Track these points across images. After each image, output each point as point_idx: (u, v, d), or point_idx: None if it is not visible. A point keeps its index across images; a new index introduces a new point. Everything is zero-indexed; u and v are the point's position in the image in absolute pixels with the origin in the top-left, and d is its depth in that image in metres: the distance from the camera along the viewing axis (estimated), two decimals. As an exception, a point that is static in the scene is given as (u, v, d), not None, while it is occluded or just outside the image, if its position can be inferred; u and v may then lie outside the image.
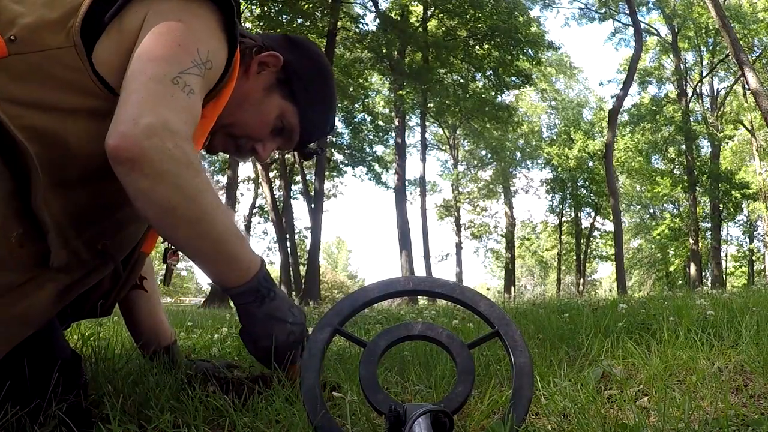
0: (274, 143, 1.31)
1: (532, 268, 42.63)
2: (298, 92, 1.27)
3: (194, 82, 1.00)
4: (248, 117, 1.25)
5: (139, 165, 0.90)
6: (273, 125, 1.28)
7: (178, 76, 0.97)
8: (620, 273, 19.67)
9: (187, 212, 0.95)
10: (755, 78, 13.84)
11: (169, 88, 0.96)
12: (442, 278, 1.12)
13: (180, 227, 0.97)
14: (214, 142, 1.29)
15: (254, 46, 1.23)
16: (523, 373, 0.97)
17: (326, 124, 1.36)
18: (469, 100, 21.05)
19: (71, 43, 0.96)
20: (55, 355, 1.08)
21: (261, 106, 1.25)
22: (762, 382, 1.27)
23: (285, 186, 22.78)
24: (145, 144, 0.89)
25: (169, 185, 0.92)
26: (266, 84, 1.25)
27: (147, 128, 0.90)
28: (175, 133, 0.93)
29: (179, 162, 0.92)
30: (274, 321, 1.13)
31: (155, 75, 0.96)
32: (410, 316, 4.43)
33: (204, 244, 1.01)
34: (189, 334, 2.83)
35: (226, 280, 1.07)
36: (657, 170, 29.38)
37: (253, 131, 1.27)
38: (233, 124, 1.25)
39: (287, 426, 1.03)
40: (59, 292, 1.00)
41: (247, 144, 1.29)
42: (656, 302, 3.16)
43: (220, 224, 0.99)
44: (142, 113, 0.91)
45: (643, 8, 25.88)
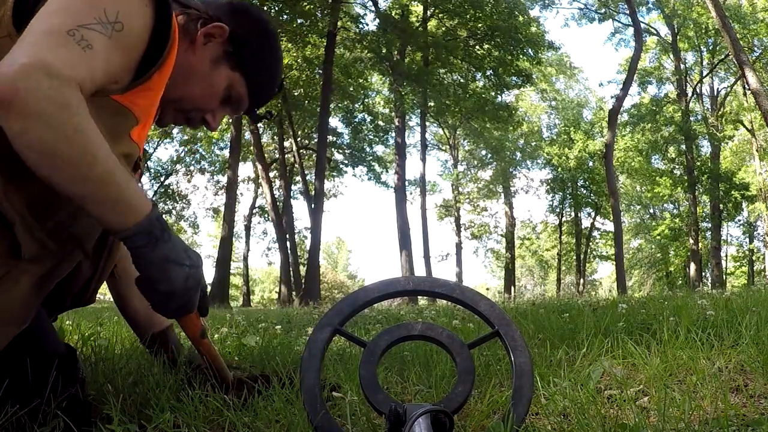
0: (223, 112, 1.32)
1: (532, 268, 42.63)
2: (245, 61, 1.27)
3: (94, 37, 0.96)
4: (196, 90, 1.25)
5: (11, 106, 0.88)
6: (222, 96, 1.28)
7: (75, 29, 0.95)
8: (620, 273, 19.67)
9: (64, 153, 0.92)
10: (755, 78, 13.85)
11: (61, 38, 0.93)
12: (442, 278, 1.12)
13: (58, 169, 0.93)
14: (163, 116, 1.29)
15: (198, 18, 1.22)
16: (523, 373, 0.97)
17: (273, 87, 1.38)
18: (469, 100, 21.05)
19: (6, 33, 0.97)
20: (49, 351, 1.08)
21: (209, 79, 1.25)
22: (762, 382, 1.27)
23: (285, 186, 22.78)
24: (18, 84, 0.87)
25: (43, 126, 0.89)
26: (213, 56, 1.24)
27: (22, 68, 0.88)
28: (54, 75, 0.90)
29: (54, 102, 0.89)
30: (170, 264, 1.06)
31: (49, 27, 0.94)
32: (410, 316, 4.43)
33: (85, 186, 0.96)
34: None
35: (114, 223, 1.01)
36: (657, 170, 29.38)
37: (202, 104, 1.28)
38: (181, 99, 1.25)
39: (287, 426, 1.03)
40: (35, 283, 1.00)
41: (197, 116, 1.30)
42: (656, 302, 3.16)
43: (101, 165, 0.95)
44: (21, 56, 0.89)
45: (643, 8, 25.90)
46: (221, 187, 26.78)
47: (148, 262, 1.05)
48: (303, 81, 20.91)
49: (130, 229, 1.01)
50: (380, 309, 5.22)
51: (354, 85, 21.01)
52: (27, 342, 1.04)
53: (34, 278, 1.00)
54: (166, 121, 1.31)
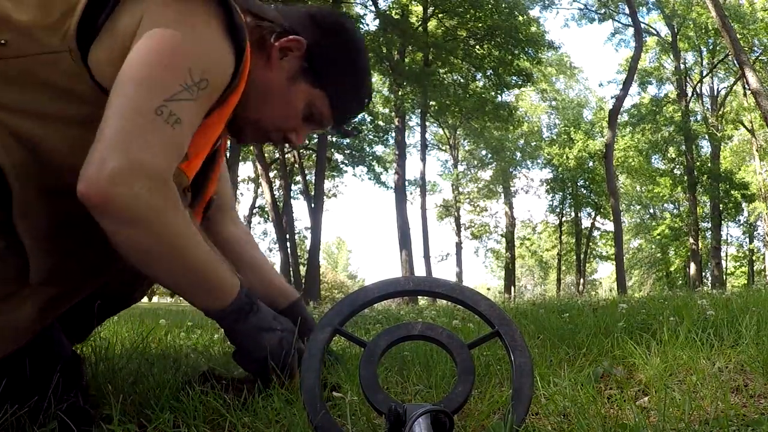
0: (306, 130, 1.25)
1: (532, 268, 42.60)
2: (324, 77, 1.18)
3: (182, 109, 0.93)
4: (275, 110, 1.19)
5: (106, 212, 0.88)
6: (302, 114, 1.21)
7: (163, 105, 0.92)
8: (620, 273, 19.66)
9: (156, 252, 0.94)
10: (755, 78, 13.84)
11: (149, 121, 0.90)
12: (443, 278, 1.11)
13: (151, 265, 0.97)
14: (242, 135, 1.24)
15: (274, 31, 1.14)
16: (523, 373, 0.97)
17: (359, 102, 1.28)
18: (469, 100, 21.04)
19: (66, 47, 0.93)
20: (55, 354, 1.08)
21: (287, 97, 1.18)
22: (762, 382, 1.27)
23: (285, 186, 22.77)
24: (110, 191, 0.86)
25: (136, 229, 0.90)
26: (290, 72, 1.16)
27: (113, 173, 0.86)
28: (147, 175, 0.89)
29: (147, 205, 0.89)
30: (262, 331, 1.12)
31: (136, 105, 0.91)
32: (410, 316, 4.43)
33: (178, 279, 1.00)
34: (189, 334, 2.83)
35: (207, 307, 1.07)
36: (657, 170, 29.37)
37: (282, 123, 1.21)
38: (260, 119, 1.20)
39: (287, 426, 1.03)
40: (44, 304, 0.98)
41: (278, 135, 1.24)
42: (656, 302, 3.16)
43: (195, 259, 0.98)
44: (111, 154, 0.87)
45: (643, 8, 25.89)
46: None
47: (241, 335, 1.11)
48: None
49: (223, 311, 1.06)
50: (380, 309, 5.22)
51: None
52: (33, 343, 1.03)
53: (45, 299, 0.98)
54: (247, 140, 1.26)
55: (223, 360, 1.85)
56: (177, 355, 1.84)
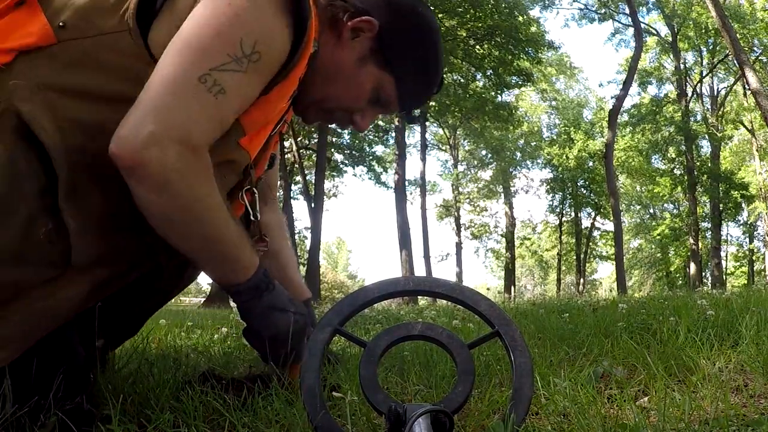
0: (372, 112, 1.23)
1: (532, 268, 42.61)
2: (394, 60, 1.16)
3: (228, 79, 0.92)
4: (341, 91, 1.17)
5: (136, 174, 0.88)
6: (369, 97, 1.19)
7: (208, 73, 0.91)
8: (620, 273, 19.67)
9: (181, 219, 0.94)
10: (755, 78, 13.84)
11: (191, 87, 0.90)
12: (443, 278, 1.12)
13: (177, 234, 0.97)
14: (307, 114, 1.23)
15: (347, 11, 1.12)
16: (523, 373, 0.97)
17: (428, 89, 1.25)
18: (469, 100, 21.04)
19: (126, 27, 0.93)
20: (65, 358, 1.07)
21: (355, 78, 1.15)
22: (762, 382, 1.27)
23: (285, 186, 22.77)
24: (143, 154, 0.87)
25: (167, 196, 0.91)
26: (360, 53, 1.14)
27: (148, 137, 0.87)
28: (181, 141, 0.89)
29: (179, 173, 0.90)
30: (275, 311, 1.11)
31: (180, 71, 0.90)
32: (410, 316, 4.43)
33: (205, 249, 1.01)
34: (189, 334, 2.83)
35: (226, 280, 1.06)
36: (657, 170, 29.39)
37: (347, 104, 1.19)
38: (325, 99, 1.18)
39: (287, 426, 1.03)
40: (93, 287, 0.97)
41: (344, 116, 1.22)
42: (656, 302, 3.16)
43: (218, 230, 0.98)
44: (147, 118, 0.87)
45: (643, 8, 25.90)
46: (221, 187, 26.75)
47: (254, 313, 1.10)
48: (303, 81, 20.90)
49: (240, 285, 1.06)
50: (380, 309, 5.22)
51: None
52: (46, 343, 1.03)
53: (95, 282, 0.97)
54: (311, 119, 1.24)
55: (223, 360, 1.85)
56: (177, 355, 1.84)
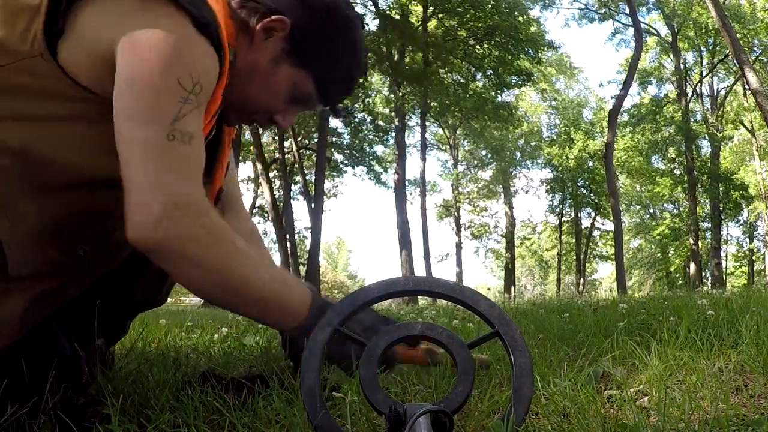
0: (293, 111, 1.23)
1: (532, 268, 42.62)
2: (309, 57, 1.15)
3: (189, 123, 0.94)
4: (258, 93, 1.17)
5: (161, 255, 0.92)
6: (287, 96, 1.18)
7: (172, 129, 0.93)
8: (620, 273, 19.67)
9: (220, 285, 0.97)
10: (755, 78, 13.84)
11: (166, 150, 0.92)
12: (443, 278, 1.11)
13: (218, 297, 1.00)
14: (229, 117, 1.22)
15: (258, 12, 1.12)
16: (523, 373, 0.97)
17: (347, 83, 1.24)
18: (469, 100, 21.05)
19: (37, 52, 0.94)
20: (51, 350, 1.07)
21: (271, 79, 1.15)
22: (762, 382, 1.27)
23: (285, 186, 22.78)
24: (161, 235, 0.90)
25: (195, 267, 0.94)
26: (274, 54, 1.14)
27: (159, 216, 0.90)
28: (187, 206, 0.93)
29: (199, 241, 0.93)
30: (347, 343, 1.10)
31: (148, 141, 0.92)
32: (410, 316, 4.43)
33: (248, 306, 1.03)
34: (189, 334, 2.83)
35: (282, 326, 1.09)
36: (657, 170, 29.39)
37: (266, 106, 1.20)
38: (243, 102, 1.18)
39: (287, 426, 1.03)
40: (32, 299, 0.98)
41: (264, 117, 1.23)
42: (656, 302, 3.16)
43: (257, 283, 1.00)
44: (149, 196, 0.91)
45: (643, 8, 25.90)
46: (221, 187, 26.71)
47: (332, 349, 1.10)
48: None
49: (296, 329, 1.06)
50: (380, 309, 5.22)
51: (354, 85, 20.97)
52: (29, 341, 1.03)
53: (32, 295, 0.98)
54: (232, 121, 1.25)
55: (223, 360, 1.85)
56: (177, 355, 1.84)
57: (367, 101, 23.12)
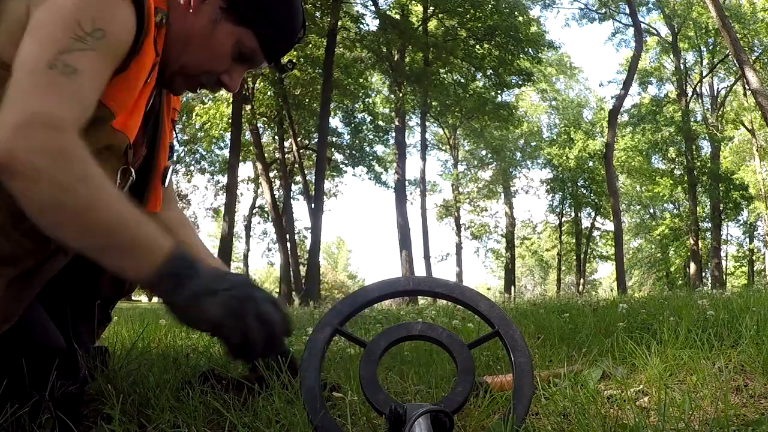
0: (240, 69, 1.24)
1: (532, 268, 42.61)
2: (248, 13, 1.18)
3: (77, 59, 0.94)
4: (200, 54, 1.18)
5: (9, 169, 0.86)
6: (231, 54, 1.20)
7: (56, 58, 0.93)
8: (620, 273, 19.67)
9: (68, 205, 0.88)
10: (755, 77, 13.84)
11: (44, 75, 0.92)
12: (443, 278, 1.12)
13: (63, 223, 0.89)
14: (174, 85, 1.23)
15: None
16: (523, 373, 0.97)
17: (290, 34, 1.25)
18: (469, 100, 21.05)
19: None
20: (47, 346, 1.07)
21: (212, 40, 1.17)
22: (762, 382, 1.28)
23: (285, 186, 22.77)
24: (10, 146, 0.86)
25: (43, 183, 0.87)
26: (212, 15, 1.16)
27: (12, 128, 0.87)
28: (47, 125, 0.89)
29: (52, 157, 0.88)
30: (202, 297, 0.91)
31: (30, 66, 0.93)
32: (410, 316, 4.43)
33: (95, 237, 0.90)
34: (189, 334, 2.83)
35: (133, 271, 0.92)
36: (657, 170, 29.38)
37: (210, 66, 1.21)
38: (187, 66, 1.19)
39: (287, 426, 1.03)
40: (11, 284, 0.99)
41: (210, 79, 1.23)
42: (656, 302, 3.16)
43: (109, 212, 0.90)
44: (8, 114, 0.88)
45: (643, 8, 25.90)
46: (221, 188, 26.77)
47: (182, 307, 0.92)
48: (303, 80, 20.91)
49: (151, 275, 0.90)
50: (380, 309, 5.22)
51: (354, 85, 21.00)
52: (23, 337, 1.03)
53: (7, 280, 0.98)
54: (179, 89, 1.25)
55: (223, 360, 1.85)
56: (177, 355, 1.84)
57: (367, 101, 23.14)
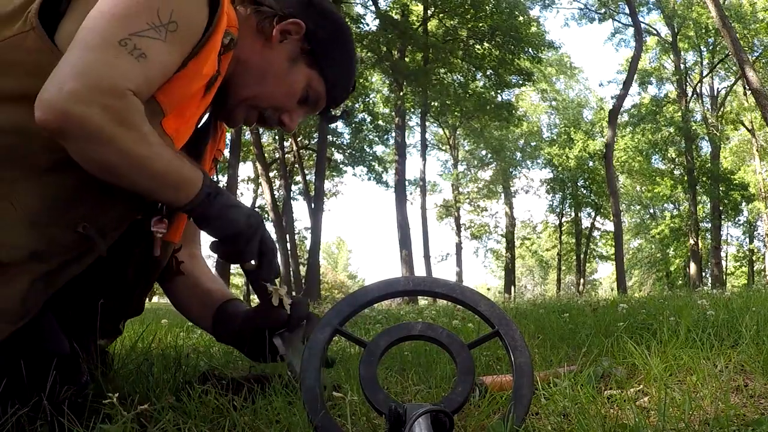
0: (300, 112, 1.30)
1: (532, 268, 42.61)
2: (322, 59, 1.25)
3: (149, 45, 0.96)
4: (274, 89, 1.24)
5: (65, 132, 0.90)
6: (300, 95, 1.26)
7: (128, 38, 0.94)
8: (620, 273, 19.67)
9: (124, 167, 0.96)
10: (756, 77, 13.83)
11: (113, 49, 0.93)
12: (442, 278, 1.12)
13: (120, 179, 0.98)
14: (234, 115, 1.27)
15: (274, 15, 1.21)
16: (523, 373, 0.97)
17: (350, 84, 1.34)
18: (469, 100, 21.05)
19: (29, 26, 0.96)
20: (51, 350, 1.07)
21: (287, 78, 1.23)
22: (762, 382, 1.28)
23: (285, 186, 22.77)
24: (68, 110, 0.88)
25: (101, 147, 0.92)
26: (290, 54, 1.22)
27: (70, 93, 0.88)
28: (103, 90, 0.91)
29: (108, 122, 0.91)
30: (231, 208, 1.11)
31: (100, 35, 0.93)
32: (410, 316, 4.44)
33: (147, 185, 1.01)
34: (189, 334, 2.83)
35: (176, 203, 1.07)
36: (657, 170, 29.37)
37: (279, 102, 1.26)
38: (258, 97, 1.24)
39: (287, 426, 1.03)
40: (32, 283, 0.98)
41: (274, 115, 1.28)
42: (656, 302, 3.16)
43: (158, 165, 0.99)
44: (69, 78, 0.89)
45: (643, 8, 25.88)
46: (221, 187, 26.71)
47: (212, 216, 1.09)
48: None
49: (192, 200, 1.06)
50: (380, 309, 5.23)
51: (354, 85, 20.97)
52: (28, 340, 1.03)
53: (35, 276, 0.98)
54: (238, 120, 1.29)
55: (223, 360, 1.85)
56: (177, 355, 1.84)
57: (367, 101, 23.13)
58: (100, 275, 1.16)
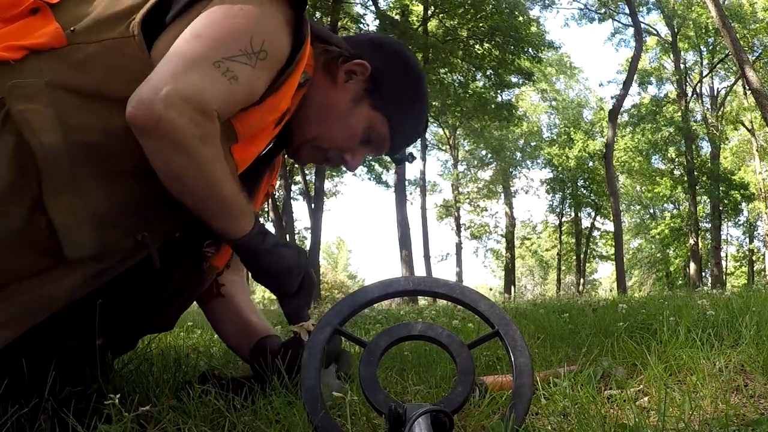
0: (363, 152, 1.30)
1: (532, 268, 42.60)
2: (386, 101, 1.24)
3: (240, 70, 0.99)
4: (335, 129, 1.24)
5: (154, 133, 0.92)
6: (361, 136, 1.26)
7: (221, 60, 0.97)
8: (620, 273, 19.67)
9: (192, 179, 0.98)
10: (756, 77, 13.82)
11: (208, 68, 0.96)
12: (442, 278, 1.12)
13: (184, 190, 1.01)
14: (301, 154, 1.29)
15: (340, 55, 1.21)
16: (523, 373, 0.97)
17: (417, 130, 1.33)
18: (469, 100, 21.04)
19: (130, 33, 0.98)
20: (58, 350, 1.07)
21: (349, 118, 1.23)
22: (762, 382, 1.28)
23: (285, 186, 22.76)
24: (162, 113, 0.91)
25: (177, 154, 0.95)
26: (354, 94, 1.22)
27: (166, 98, 0.91)
28: (195, 105, 0.94)
29: (193, 134, 0.94)
30: (281, 247, 1.14)
31: (196, 54, 0.96)
32: (410, 316, 4.44)
33: (210, 206, 1.04)
34: (189, 334, 2.83)
35: (231, 234, 1.09)
36: (657, 170, 29.36)
37: (341, 143, 1.26)
38: (320, 137, 1.25)
39: (287, 426, 1.03)
40: (87, 278, 1.00)
41: (336, 155, 1.28)
42: (656, 302, 3.16)
43: (224, 188, 1.02)
44: (167, 83, 0.92)
45: (643, 8, 25.88)
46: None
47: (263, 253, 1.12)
48: (303, 81, 20.90)
49: (247, 235, 1.09)
50: (380, 309, 5.23)
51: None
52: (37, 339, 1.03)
53: (89, 273, 1.00)
54: (304, 159, 1.30)
55: (223, 360, 1.85)
56: (177, 355, 1.84)
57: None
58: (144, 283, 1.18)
